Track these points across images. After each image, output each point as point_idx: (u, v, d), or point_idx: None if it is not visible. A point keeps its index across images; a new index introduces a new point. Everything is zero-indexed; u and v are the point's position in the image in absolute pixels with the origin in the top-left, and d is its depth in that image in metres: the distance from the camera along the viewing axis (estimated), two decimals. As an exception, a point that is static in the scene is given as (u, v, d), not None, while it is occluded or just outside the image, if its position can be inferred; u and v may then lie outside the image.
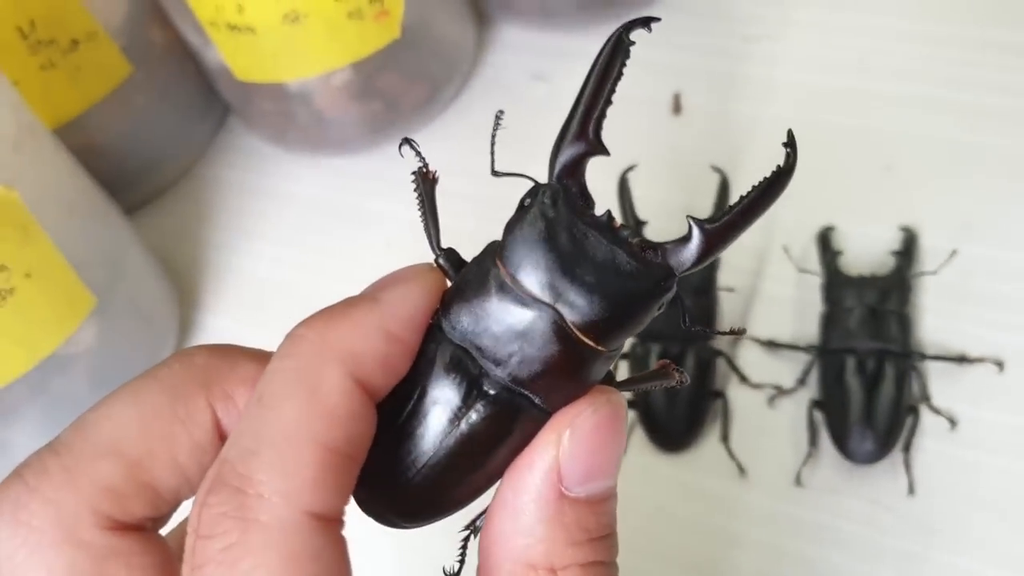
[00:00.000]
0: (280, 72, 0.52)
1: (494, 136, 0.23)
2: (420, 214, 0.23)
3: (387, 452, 0.22)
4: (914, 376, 0.41)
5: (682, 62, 0.55)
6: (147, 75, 0.55)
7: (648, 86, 0.54)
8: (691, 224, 0.21)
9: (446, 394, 0.22)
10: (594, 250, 0.20)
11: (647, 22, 0.22)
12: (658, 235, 0.21)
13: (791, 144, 0.21)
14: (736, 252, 0.46)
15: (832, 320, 0.43)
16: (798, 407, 0.42)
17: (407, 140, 0.24)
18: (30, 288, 0.40)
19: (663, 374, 0.23)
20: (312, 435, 0.20)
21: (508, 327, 0.21)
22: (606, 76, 0.21)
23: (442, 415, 0.22)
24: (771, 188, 0.21)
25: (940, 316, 0.43)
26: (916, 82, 0.51)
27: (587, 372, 0.21)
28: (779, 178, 0.21)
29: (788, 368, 0.43)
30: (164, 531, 0.23)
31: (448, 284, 0.23)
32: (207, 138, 0.61)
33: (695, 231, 0.21)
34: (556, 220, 0.21)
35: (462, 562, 0.25)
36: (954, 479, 0.39)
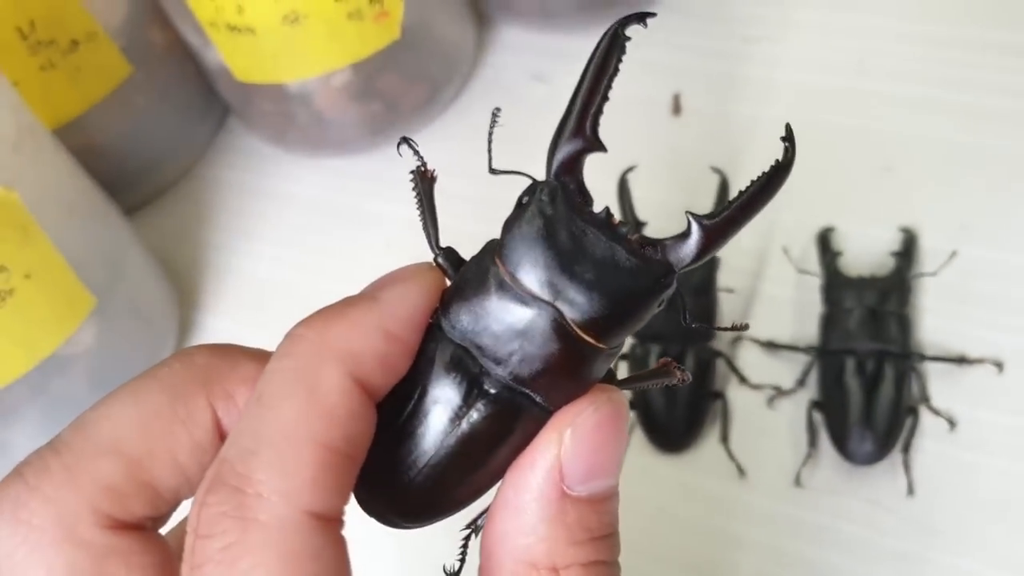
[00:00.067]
0: (280, 73, 0.52)
1: (491, 134, 0.23)
2: (419, 213, 0.23)
3: (388, 452, 0.22)
4: (914, 377, 0.41)
5: (682, 63, 0.55)
6: (147, 75, 0.55)
7: (648, 87, 0.54)
8: (690, 220, 0.21)
9: (447, 393, 0.21)
10: (593, 247, 0.20)
11: (642, 17, 0.21)
12: (658, 235, 0.21)
13: (789, 139, 0.21)
14: (736, 253, 0.46)
15: (832, 321, 0.43)
16: (798, 408, 0.42)
17: (405, 139, 0.24)
18: (30, 289, 0.40)
19: (664, 372, 0.23)
20: (311, 434, 0.20)
21: (508, 325, 0.21)
22: (602, 72, 0.21)
23: (443, 414, 0.22)
24: (770, 183, 0.21)
25: (940, 317, 0.43)
26: (916, 83, 0.51)
27: (588, 370, 0.21)
28: (777, 173, 0.21)
29: (788, 369, 0.43)
30: (164, 530, 0.23)
31: (447, 283, 0.22)
32: (207, 139, 0.61)
33: (694, 227, 0.21)
34: (554, 217, 0.21)
35: (463, 561, 0.24)
36: (954, 480, 0.39)
